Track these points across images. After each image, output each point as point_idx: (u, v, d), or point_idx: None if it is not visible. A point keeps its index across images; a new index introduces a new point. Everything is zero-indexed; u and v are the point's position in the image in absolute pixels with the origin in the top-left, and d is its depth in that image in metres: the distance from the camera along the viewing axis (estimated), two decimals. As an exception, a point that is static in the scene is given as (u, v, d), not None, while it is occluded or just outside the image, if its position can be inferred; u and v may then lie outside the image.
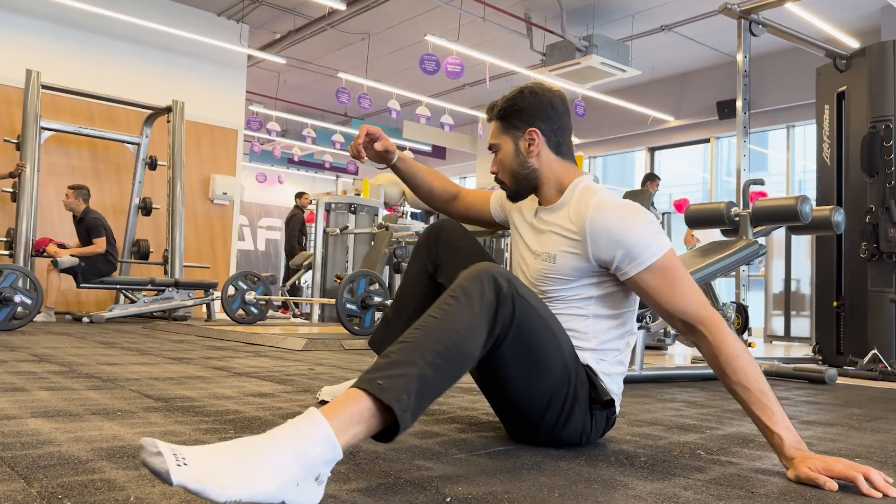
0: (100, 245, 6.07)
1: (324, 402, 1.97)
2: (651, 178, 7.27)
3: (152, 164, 7.36)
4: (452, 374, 1.16)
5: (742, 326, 3.78)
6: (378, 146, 1.74)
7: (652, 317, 3.08)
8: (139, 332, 4.87)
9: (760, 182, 4.00)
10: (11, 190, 6.37)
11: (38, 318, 5.79)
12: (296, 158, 14.39)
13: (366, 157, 1.74)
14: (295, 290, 9.31)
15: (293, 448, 0.95)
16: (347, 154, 14.14)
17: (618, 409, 1.59)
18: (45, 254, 6.02)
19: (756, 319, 6.61)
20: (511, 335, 1.29)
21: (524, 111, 1.57)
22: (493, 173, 1.65)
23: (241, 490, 0.88)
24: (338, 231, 7.34)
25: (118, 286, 6.35)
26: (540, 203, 1.63)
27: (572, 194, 1.56)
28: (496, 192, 1.84)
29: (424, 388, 1.09)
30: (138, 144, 7.38)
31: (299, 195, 10.12)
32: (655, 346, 5.30)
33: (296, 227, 9.86)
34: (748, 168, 4.40)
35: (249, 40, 9.15)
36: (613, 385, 1.53)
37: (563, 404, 1.44)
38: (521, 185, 1.61)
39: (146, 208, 7.32)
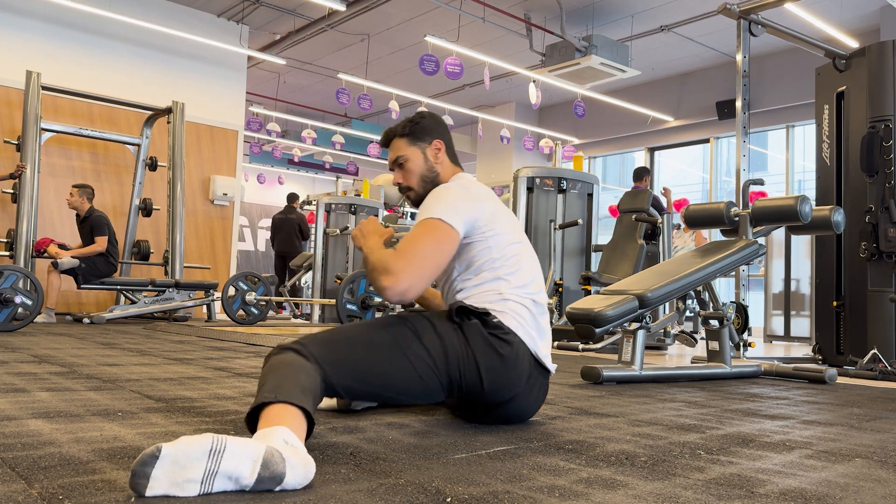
0: (101, 244, 6.06)
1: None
2: (647, 173, 6.97)
3: (152, 165, 7.36)
4: (290, 370, 1.42)
5: (742, 326, 3.78)
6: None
7: (652, 317, 3.08)
8: (140, 333, 4.87)
9: (760, 182, 4.00)
10: (12, 191, 6.37)
11: (39, 318, 5.79)
12: (296, 159, 14.40)
13: None
14: (295, 291, 9.30)
15: (253, 439, 1.18)
16: (347, 154, 14.17)
17: (516, 330, 1.73)
18: (45, 254, 6.02)
19: (756, 319, 6.62)
20: (315, 348, 1.50)
21: (428, 128, 1.94)
22: (397, 184, 1.95)
23: (222, 436, 1.09)
24: (338, 232, 7.35)
25: (119, 287, 6.35)
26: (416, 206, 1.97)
27: None
28: None
29: (275, 383, 1.35)
30: (139, 145, 7.38)
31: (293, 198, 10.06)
32: (655, 346, 5.31)
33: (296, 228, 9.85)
34: (748, 168, 4.41)
35: (249, 41, 9.16)
36: (506, 318, 1.73)
37: (435, 347, 1.62)
38: (426, 188, 1.91)
39: (146, 209, 7.32)
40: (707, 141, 10.51)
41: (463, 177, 1.92)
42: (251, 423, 1.32)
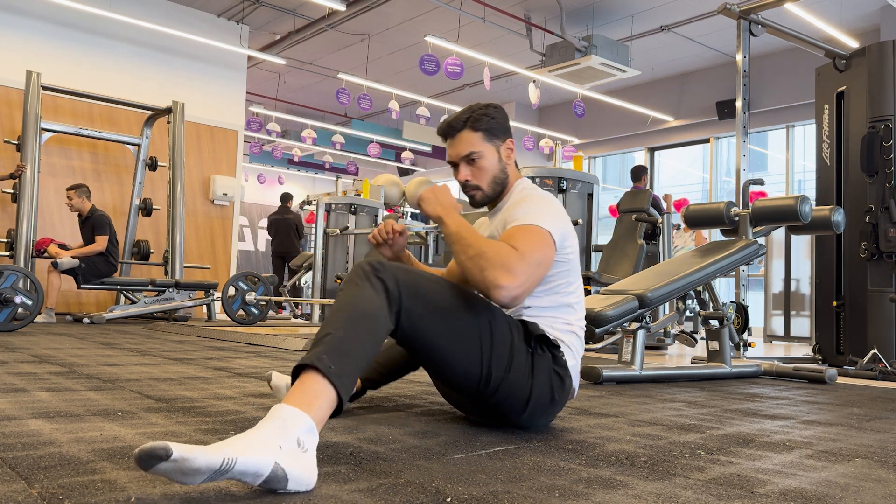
0: (101, 243, 6.06)
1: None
2: (644, 172, 6.85)
3: (153, 165, 7.35)
4: (364, 331, 1.35)
5: (742, 326, 3.78)
6: (402, 241, 1.81)
7: (652, 317, 3.08)
8: (140, 333, 4.88)
9: (760, 182, 4.00)
10: (12, 191, 6.37)
11: (39, 318, 5.79)
12: (296, 159, 14.39)
13: (392, 240, 1.79)
14: (295, 291, 9.30)
15: (273, 425, 1.14)
16: (347, 154, 14.17)
17: (571, 370, 1.69)
18: (45, 254, 6.02)
19: (756, 319, 6.62)
20: (406, 296, 1.45)
21: (501, 125, 1.79)
22: (465, 181, 1.77)
23: (234, 451, 1.04)
24: (338, 231, 7.35)
25: (119, 287, 6.35)
26: (489, 209, 1.85)
27: (511, 195, 1.80)
28: None
29: (340, 347, 1.29)
30: (139, 145, 7.38)
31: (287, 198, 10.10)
32: (655, 346, 5.30)
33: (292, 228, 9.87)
34: (748, 168, 4.40)
35: (249, 41, 9.16)
36: (569, 355, 1.70)
37: (501, 357, 1.56)
38: (496, 190, 1.79)
39: (146, 209, 7.31)
40: (707, 141, 10.51)
41: (531, 183, 1.82)
42: (296, 372, 1.26)
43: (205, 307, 6.98)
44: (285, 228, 9.77)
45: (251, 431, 1.12)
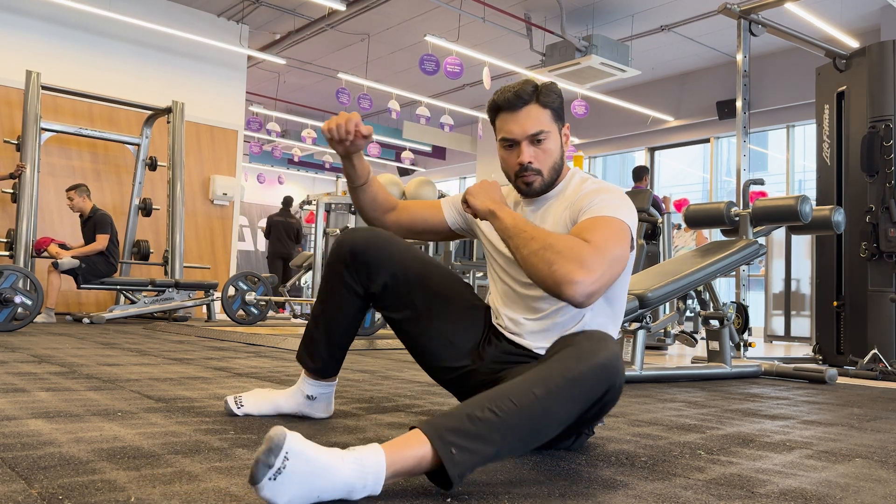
0: (101, 242, 6.05)
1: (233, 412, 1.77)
2: (646, 172, 6.79)
3: (152, 165, 7.35)
4: (521, 452, 1.21)
5: (742, 326, 3.78)
6: (362, 144, 1.60)
7: (652, 317, 3.08)
8: (139, 333, 4.87)
9: (760, 182, 4.00)
10: (12, 191, 6.37)
11: (39, 318, 5.78)
12: (296, 159, 14.39)
13: (350, 141, 1.58)
14: (295, 291, 9.30)
15: (350, 485, 1.04)
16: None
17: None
18: (45, 254, 6.01)
19: (756, 319, 6.61)
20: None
21: (563, 107, 1.58)
22: (526, 163, 1.52)
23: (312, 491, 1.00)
24: (338, 231, 7.35)
25: (119, 287, 6.35)
26: (524, 196, 1.59)
27: (568, 184, 1.58)
28: (448, 197, 1.78)
29: (490, 461, 1.13)
30: (138, 145, 7.38)
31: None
32: (655, 346, 5.30)
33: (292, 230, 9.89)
34: (748, 168, 4.40)
35: (249, 41, 9.15)
36: None
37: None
38: (552, 178, 1.56)
39: (146, 209, 7.31)
40: (707, 141, 10.50)
41: (584, 177, 1.60)
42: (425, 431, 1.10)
43: (205, 307, 6.98)
44: (287, 230, 9.80)
45: (337, 481, 1.02)
